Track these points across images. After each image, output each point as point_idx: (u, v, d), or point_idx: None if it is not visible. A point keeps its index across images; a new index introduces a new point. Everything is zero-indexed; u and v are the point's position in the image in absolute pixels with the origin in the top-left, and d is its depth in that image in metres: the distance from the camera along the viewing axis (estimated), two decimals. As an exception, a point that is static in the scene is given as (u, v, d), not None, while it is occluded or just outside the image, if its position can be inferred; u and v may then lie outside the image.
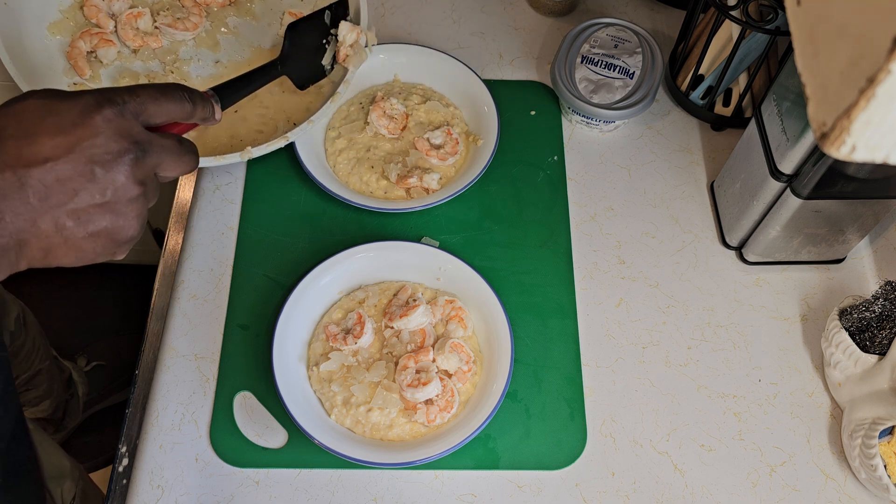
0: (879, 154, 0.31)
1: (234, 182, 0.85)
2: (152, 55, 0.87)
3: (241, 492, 0.70)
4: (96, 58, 0.86)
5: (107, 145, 0.46)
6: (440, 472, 0.71)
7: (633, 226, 0.85)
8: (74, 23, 0.86)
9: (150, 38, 0.88)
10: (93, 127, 0.45)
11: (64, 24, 0.86)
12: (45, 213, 0.44)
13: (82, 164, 0.45)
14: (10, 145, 0.44)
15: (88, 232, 0.46)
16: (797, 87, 0.70)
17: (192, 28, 0.88)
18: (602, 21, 0.90)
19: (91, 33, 0.85)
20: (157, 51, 0.88)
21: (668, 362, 0.78)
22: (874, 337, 0.72)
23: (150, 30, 0.88)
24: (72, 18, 0.87)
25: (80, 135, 0.45)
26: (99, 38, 0.85)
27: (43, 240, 0.45)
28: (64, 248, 0.46)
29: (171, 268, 0.82)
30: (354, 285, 0.79)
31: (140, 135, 0.48)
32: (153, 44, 0.88)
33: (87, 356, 1.33)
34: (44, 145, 0.44)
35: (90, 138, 0.45)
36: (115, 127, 0.46)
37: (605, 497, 0.71)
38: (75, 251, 0.46)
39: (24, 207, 0.44)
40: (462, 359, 0.73)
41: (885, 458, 0.68)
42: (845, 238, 0.79)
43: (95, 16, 0.87)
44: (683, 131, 0.92)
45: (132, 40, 0.87)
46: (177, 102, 0.51)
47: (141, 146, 0.47)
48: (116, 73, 0.86)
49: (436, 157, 0.84)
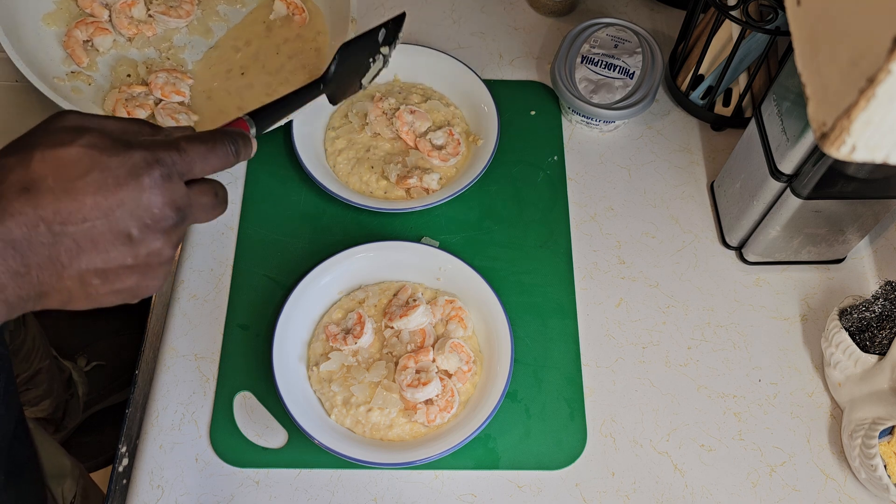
0: (879, 154, 0.31)
1: (235, 182, 0.85)
2: (147, 42, 0.89)
3: (241, 492, 0.70)
4: (93, 46, 0.87)
5: (149, 211, 0.44)
6: (440, 472, 0.71)
7: (633, 226, 0.85)
8: (68, 13, 0.88)
9: (145, 26, 0.89)
10: (138, 190, 0.43)
11: (58, 14, 0.87)
12: (72, 270, 0.43)
13: (120, 227, 0.43)
14: (48, 199, 0.41)
15: (114, 289, 0.45)
16: (797, 87, 0.70)
17: (184, 16, 0.90)
18: (602, 21, 0.90)
19: (87, 22, 0.87)
20: (152, 38, 0.90)
21: (668, 362, 0.78)
22: (874, 337, 0.72)
23: (144, 18, 0.90)
24: (66, 9, 0.88)
25: (122, 197, 0.43)
26: (95, 26, 0.87)
27: (65, 294, 0.44)
28: (84, 301, 0.45)
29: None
30: (354, 285, 0.79)
31: (182, 200, 0.46)
32: (147, 32, 0.89)
33: (87, 356, 1.33)
34: (83, 204, 0.42)
35: (133, 202, 0.43)
36: (161, 193, 0.44)
37: (605, 497, 0.71)
38: (94, 303, 0.45)
39: (51, 264, 0.42)
40: (462, 359, 0.73)
41: (885, 458, 0.68)
42: (845, 238, 0.79)
43: (90, 5, 0.88)
44: (683, 131, 0.92)
45: (127, 28, 0.88)
46: (223, 158, 0.49)
47: (182, 212, 0.46)
48: (113, 60, 0.88)
49: (437, 157, 0.84)
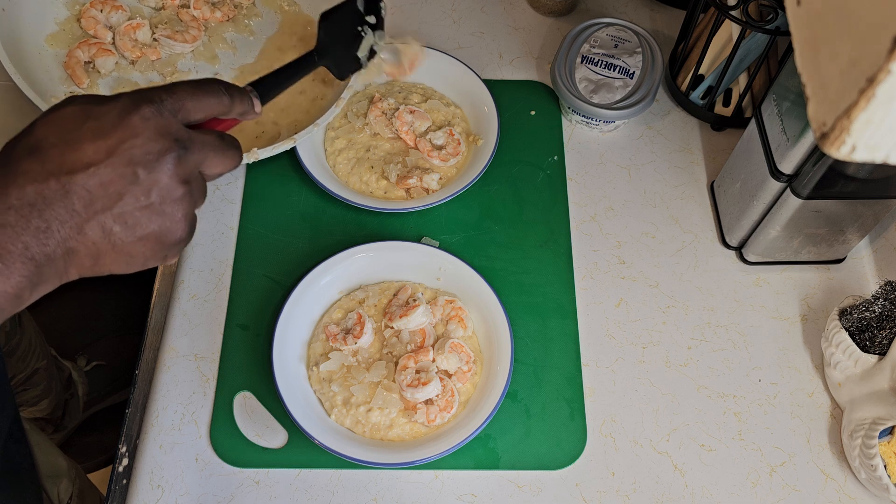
0: (879, 154, 0.31)
1: (234, 182, 0.85)
2: (150, 66, 0.87)
3: (241, 492, 0.70)
4: (94, 68, 0.85)
5: (147, 145, 0.45)
6: (440, 472, 0.71)
7: (633, 226, 0.85)
8: (72, 35, 0.86)
9: (149, 49, 0.87)
10: (132, 128, 0.45)
11: (61, 35, 0.86)
12: (90, 219, 0.44)
13: (124, 167, 0.44)
14: (53, 154, 0.43)
15: (137, 236, 0.45)
16: (797, 87, 0.70)
17: (190, 41, 0.88)
18: (602, 21, 0.90)
19: (89, 43, 0.85)
20: (156, 62, 0.88)
21: (668, 362, 0.78)
22: (874, 337, 0.72)
23: (148, 41, 0.88)
24: (69, 31, 0.86)
25: (119, 137, 0.44)
26: (97, 47, 0.85)
27: (91, 247, 0.44)
28: (113, 255, 0.45)
29: (171, 268, 0.82)
30: (354, 285, 0.79)
31: (180, 132, 0.47)
32: (151, 55, 0.87)
33: (87, 356, 1.33)
34: (85, 151, 0.44)
35: (130, 139, 0.44)
36: (154, 126, 0.46)
37: (605, 497, 0.71)
38: (125, 257, 0.46)
39: (69, 215, 0.43)
40: (462, 359, 0.73)
41: (885, 458, 0.68)
42: (845, 238, 0.79)
43: (93, 27, 0.87)
44: (683, 131, 0.92)
45: (130, 51, 0.87)
46: (215, 96, 0.50)
47: (182, 143, 0.47)
48: (115, 82, 0.86)
49: (437, 157, 0.84)
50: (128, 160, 0.44)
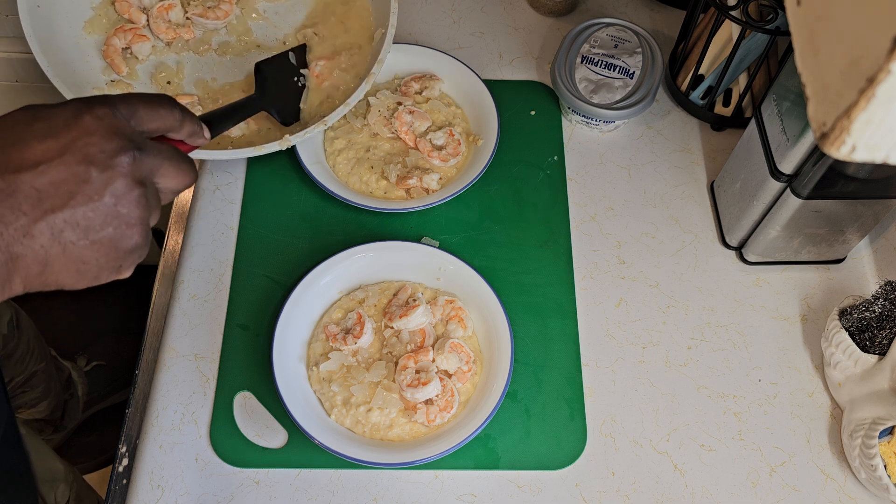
0: (879, 154, 0.31)
1: (234, 182, 0.85)
2: (186, 46, 0.88)
3: (241, 492, 0.70)
4: (132, 54, 0.86)
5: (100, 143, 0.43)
6: (440, 472, 0.71)
7: (633, 226, 0.85)
8: (107, 19, 0.87)
9: (183, 29, 0.88)
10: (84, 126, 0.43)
11: (97, 21, 0.86)
12: (39, 220, 0.41)
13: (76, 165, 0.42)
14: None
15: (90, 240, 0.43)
16: (797, 87, 0.70)
17: (222, 16, 0.88)
18: (602, 21, 0.90)
19: (125, 29, 0.86)
20: (190, 42, 0.88)
21: (668, 362, 0.78)
22: (874, 337, 0.72)
23: (181, 21, 0.88)
24: (104, 15, 0.87)
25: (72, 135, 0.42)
26: (133, 33, 0.86)
27: (39, 251, 0.41)
28: (63, 260, 0.42)
29: (171, 268, 0.82)
30: (354, 285, 0.79)
31: (134, 134, 0.45)
32: (186, 35, 0.88)
33: (87, 356, 1.33)
34: (34, 149, 0.41)
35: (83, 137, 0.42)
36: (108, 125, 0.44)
37: (605, 497, 0.71)
38: (76, 263, 0.43)
39: (14, 216, 0.40)
40: (462, 359, 0.73)
41: (885, 458, 0.68)
42: (845, 238, 0.79)
43: (127, 11, 0.87)
44: (683, 131, 0.92)
45: (165, 33, 0.87)
46: (167, 108, 0.49)
47: (136, 144, 0.45)
48: (153, 67, 0.86)
49: (437, 158, 0.84)
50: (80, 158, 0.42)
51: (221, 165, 0.86)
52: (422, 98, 0.88)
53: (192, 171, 0.50)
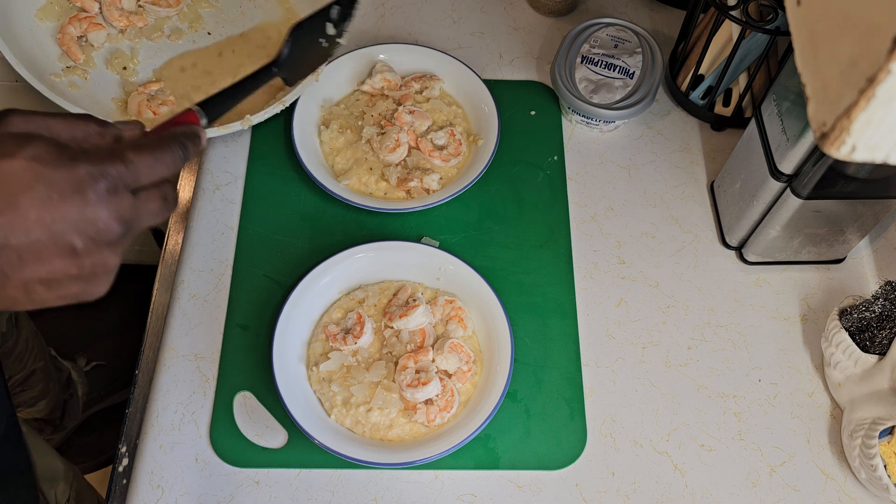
0: (879, 154, 0.31)
1: (234, 182, 0.85)
2: (139, 33, 0.89)
3: (241, 492, 0.70)
4: (87, 42, 0.87)
5: (94, 225, 0.43)
6: (440, 472, 0.71)
7: (633, 226, 0.85)
8: (59, 7, 0.88)
9: (135, 17, 0.89)
10: (83, 204, 0.42)
11: (49, 8, 0.88)
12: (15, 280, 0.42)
13: (64, 240, 0.42)
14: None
15: (57, 295, 0.44)
16: (797, 87, 0.70)
17: (174, 4, 0.90)
18: (602, 21, 0.90)
19: (79, 18, 0.87)
20: (144, 29, 0.90)
21: (668, 362, 0.78)
22: (874, 337, 0.72)
23: (133, 9, 0.90)
24: (56, 2, 0.88)
25: (66, 211, 0.42)
26: (88, 22, 0.87)
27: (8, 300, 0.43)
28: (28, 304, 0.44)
29: (171, 268, 0.82)
30: (354, 285, 0.79)
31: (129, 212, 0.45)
32: (139, 22, 0.89)
33: (87, 356, 1.33)
34: (26, 218, 0.41)
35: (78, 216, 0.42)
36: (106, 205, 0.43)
37: (605, 497, 0.71)
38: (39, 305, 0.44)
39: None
40: (462, 359, 0.73)
41: (885, 458, 0.68)
42: (845, 238, 0.79)
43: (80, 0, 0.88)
44: (683, 131, 0.92)
45: (118, 20, 0.88)
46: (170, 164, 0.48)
47: (129, 225, 0.44)
48: (108, 53, 0.88)
49: (438, 158, 0.84)
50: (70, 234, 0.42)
51: (222, 165, 0.86)
52: (422, 98, 0.88)
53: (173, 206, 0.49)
